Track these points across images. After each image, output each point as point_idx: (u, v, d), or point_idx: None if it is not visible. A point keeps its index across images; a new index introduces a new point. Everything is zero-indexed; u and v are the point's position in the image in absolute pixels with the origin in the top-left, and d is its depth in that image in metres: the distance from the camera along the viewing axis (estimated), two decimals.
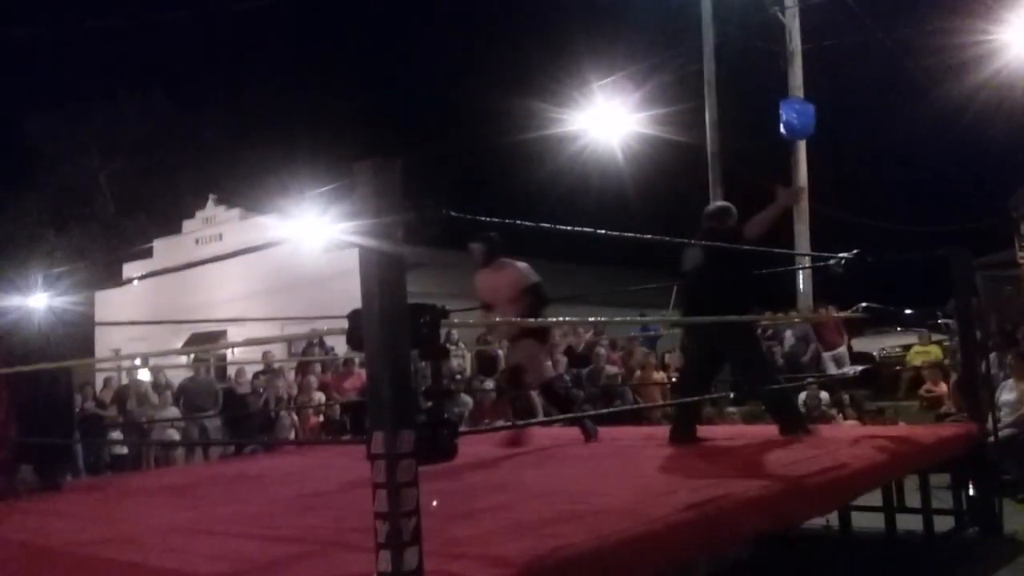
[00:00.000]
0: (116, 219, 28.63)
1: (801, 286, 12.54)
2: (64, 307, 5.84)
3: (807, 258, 10.08)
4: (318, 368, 11.83)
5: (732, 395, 6.71)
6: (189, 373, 12.19)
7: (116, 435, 10.07)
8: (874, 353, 15.57)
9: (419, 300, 2.45)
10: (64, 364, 5.17)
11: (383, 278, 2.35)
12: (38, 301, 5.73)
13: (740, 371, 5.84)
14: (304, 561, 2.86)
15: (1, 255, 24.05)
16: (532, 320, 5.85)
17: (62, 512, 4.50)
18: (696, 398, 5.65)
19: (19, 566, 3.63)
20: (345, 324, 2.48)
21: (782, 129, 12.74)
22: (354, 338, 2.51)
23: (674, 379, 9.27)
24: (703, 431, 5.77)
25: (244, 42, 34.79)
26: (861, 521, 5.08)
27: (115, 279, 19.84)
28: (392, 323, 2.34)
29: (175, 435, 10.42)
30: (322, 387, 11.25)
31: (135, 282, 16.99)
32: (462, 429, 3.10)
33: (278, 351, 15.57)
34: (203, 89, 31.13)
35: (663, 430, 6.85)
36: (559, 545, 2.73)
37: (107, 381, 11.38)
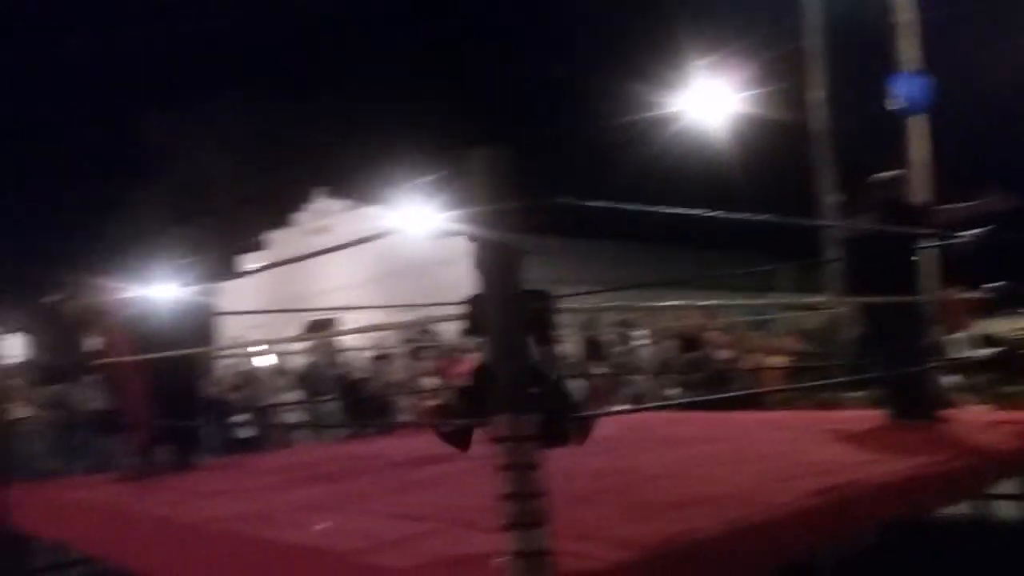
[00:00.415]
0: (232, 213, 29.82)
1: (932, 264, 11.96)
2: (189, 298, 6.11)
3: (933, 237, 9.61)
4: (430, 353, 12.04)
5: (861, 377, 6.44)
6: (306, 359, 12.58)
7: (241, 418, 10.52)
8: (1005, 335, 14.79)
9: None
10: (192, 351, 5.40)
11: (499, 265, 2.38)
12: (165, 292, 6.01)
13: (893, 349, 5.48)
14: (430, 539, 2.93)
15: (128, 249, 25.37)
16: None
17: (197, 490, 4.73)
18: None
19: (162, 540, 3.86)
20: (453, 310, 2.52)
21: (895, 104, 12.16)
22: (473, 323, 2.56)
23: (790, 363, 9.05)
24: (825, 417, 5.61)
25: (352, 35, 35.64)
26: (1000, 510, 4.86)
27: (233, 270, 20.65)
28: (509, 309, 2.37)
29: (296, 418, 10.82)
30: (434, 372, 11.45)
31: (251, 272, 17.65)
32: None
33: (389, 337, 15.95)
34: (312, 84, 32.02)
35: (779, 416, 6.71)
36: (687, 529, 2.72)
37: (231, 367, 11.90)
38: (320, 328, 17.78)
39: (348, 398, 11.04)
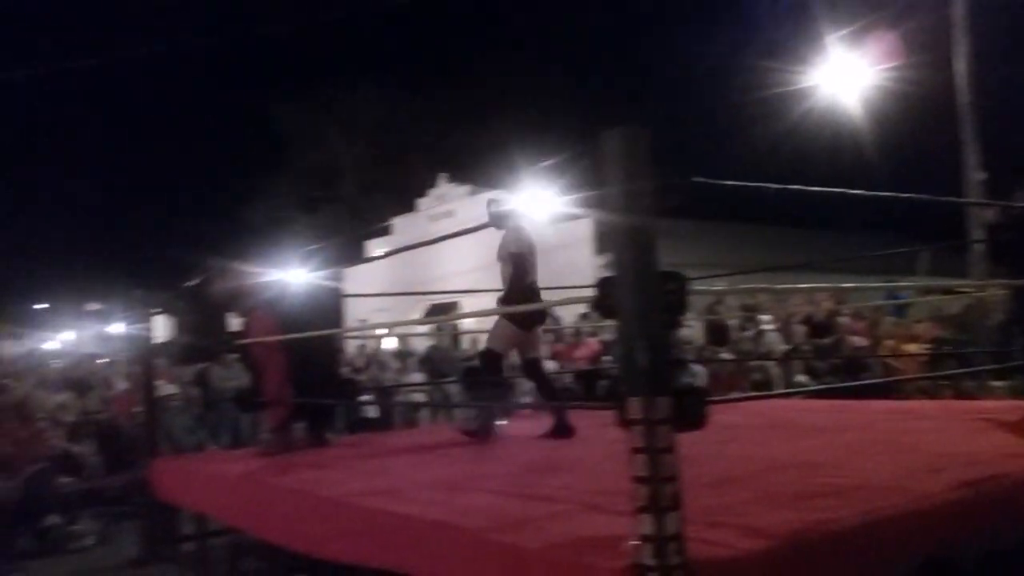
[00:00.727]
0: (358, 199, 30.69)
1: None
2: (318, 282, 6.32)
3: None
4: (549, 337, 12.08)
5: (1006, 366, 6.08)
6: (429, 341, 12.87)
7: (368, 398, 10.87)
8: None
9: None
10: (322, 333, 5.58)
11: (635, 246, 2.35)
12: (297, 276, 6.23)
13: None
14: (557, 520, 2.94)
15: (261, 235, 26.62)
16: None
17: (331, 466, 4.90)
18: None
19: (299, 513, 4.03)
20: (571, 294, 2.51)
21: None
22: (604, 306, 2.54)
23: (928, 350, 8.62)
24: (967, 407, 5.32)
25: (471, 22, 35.99)
26: None
27: (360, 255, 21.26)
28: (645, 290, 2.34)
29: (420, 398, 11.09)
30: (553, 356, 11.50)
31: (377, 257, 18.15)
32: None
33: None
34: (434, 71, 32.53)
35: (917, 405, 6.42)
36: (822, 519, 2.63)
37: (359, 348, 12.30)
38: (441, 312, 18.13)
39: (470, 379, 11.22)
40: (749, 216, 21.78)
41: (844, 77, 13.60)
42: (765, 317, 10.36)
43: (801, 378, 9.10)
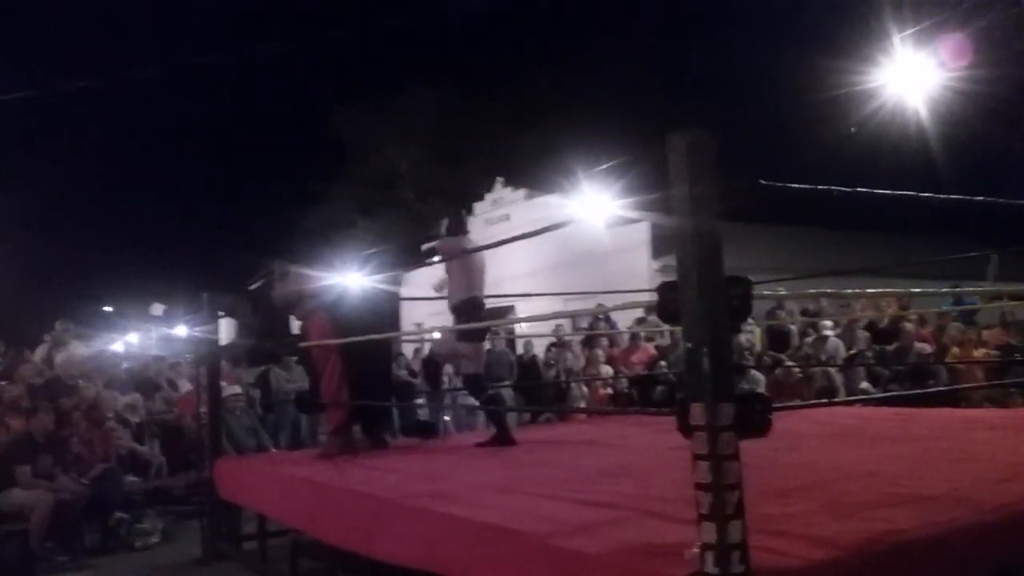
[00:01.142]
0: (415, 204, 30.93)
1: None
2: (376, 285, 6.38)
3: None
4: (604, 342, 12.04)
5: None
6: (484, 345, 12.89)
7: (423, 401, 10.94)
8: None
9: None
10: (380, 336, 5.63)
11: (700, 249, 2.33)
12: (355, 280, 6.30)
13: None
14: (616, 527, 2.92)
15: (321, 240, 27.01)
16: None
17: (390, 468, 4.95)
18: None
19: (357, 514, 4.07)
20: (628, 299, 2.47)
21: None
22: (667, 311, 2.52)
23: (996, 357, 8.36)
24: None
25: (528, 25, 36.03)
26: None
27: (417, 259, 21.42)
28: (709, 296, 2.32)
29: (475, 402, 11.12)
30: (609, 360, 11.45)
31: (435, 262, 18.29)
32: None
33: (564, 325, 16.08)
34: (491, 75, 32.58)
35: (986, 413, 6.25)
36: (889, 529, 2.57)
37: (416, 352, 12.39)
38: (495, 316, 18.15)
39: (525, 384, 11.23)
40: (812, 220, 21.37)
41: (912, 77, 13.26)
42: (827, 323, 10.17)
43: (864, 385, 8.91)
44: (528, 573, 2.80)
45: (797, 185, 2.82)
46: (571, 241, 18.17)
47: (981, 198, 3.74)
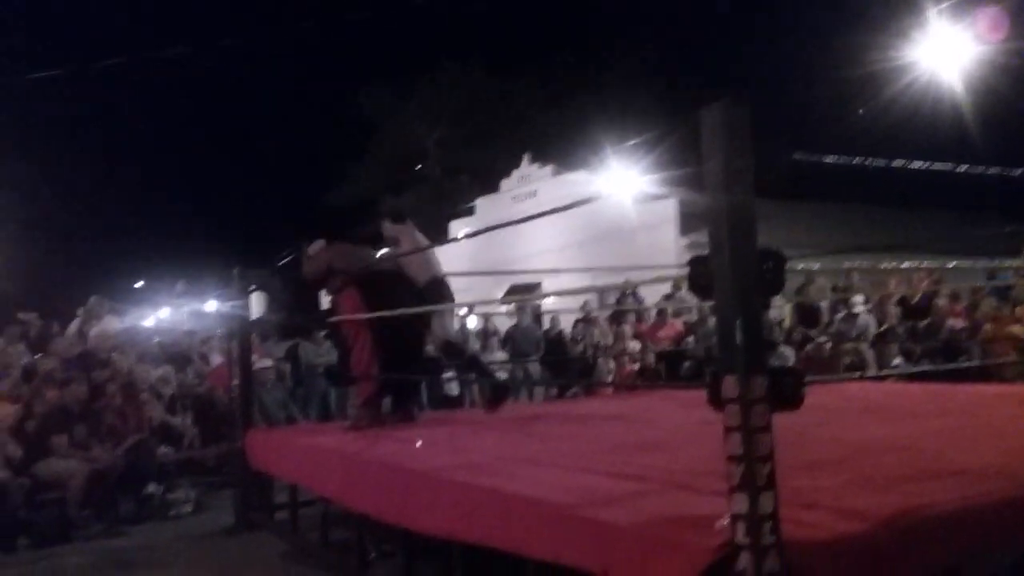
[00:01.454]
0: (442, 181, 30.95)
1: None
2: (403, 261, 6.38)
3: None
4: (632, 318, 12.03)
5: None
6: (511, 321, 12.93)
7: (450, 375, 11.00)
8: None
9: None
10: (407, 311, 5.64)
11: (733, 222, 2.31)
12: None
13: None
14: (646, 499, 2.93)
15: (348, 217, 27.15)
16: None
17: (417, 440, 4.99)
18: None
19: (390, 485, 4.11)
20: (654, 274, 2.47)
21: None
22: (699, 285, 2.51)
23: None
24: None
25: (553, 3, 35.75)
26: None
27: (443, 236, 21.45)
28: (743, 269, 2.30)
29: (502, 376, 11.17)
30: (636, 336, 11.44)
31: (460, 238, 18.27)
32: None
33: (590, 301, 16.07)
34: (516, 53, 32.47)
35: (1019, 389, 6.18)
36: (922, 503, 2.56)
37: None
38: (523, 291, 18.16)
39: (552, 359, 11.27)
40: (846, 197, 21.11)
41: (947, 51, 12.98)
42: (858, 299, 10.07)
43: (896, 361, 8.82)
44: (559, 544, 2.82)
45: (831, 158, 2.78)
46: (599, 218, 18.11)
47: (1020, 171, 3.67)
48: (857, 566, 2.32)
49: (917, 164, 4.09)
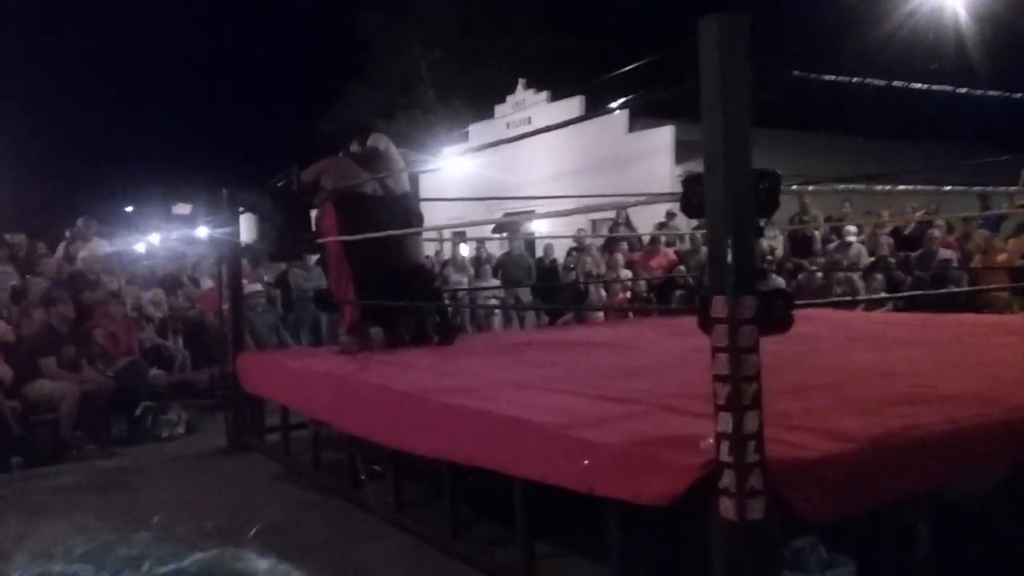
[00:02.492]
0: (435, 106, 30.50)
1: None
2: (394, 186, 6.28)
3: None
4: (624, 246, 11.99)
5: None
6: (504, 248, 12.89)
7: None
8: None
9: None
10: (391, 233, 5.51)
11: (729, 139, 2.26)
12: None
13: None
14: (633, 420, 2.95)
15: (339, 143, 26.77)
16: None
17: (409, 364, 5.00)
18: None
19: (381, 407, 4.12)
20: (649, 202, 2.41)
21: None
22: (691, 204, 2.46)
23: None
24: None
25: None
26: None
27: (436, 161, 21.24)
28: (737, 187, 2.26)
29: (494, 303, 11.20)
30: (628, 264, 11.42)
31: (449, 164, 18.07)
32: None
33: (584, 229, 16.02)
34: None
35: (1009, 319, 6.21)
36: (905, 425, 2.57)
37: (436, 254, 12.41)
38: (516, 219, 18.08)
39: (544, 286, 11.27)
40: (842, 127, 20.91)
41: None
42: (851, 228, 10.04)
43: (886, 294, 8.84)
44: (547, 463, 2.85)
45: (830, 76, 2.72)
46: (594, 147, 17.94)
47: (1020, 94, 3.61)
48: (840, 485, 2.35)
49: (916, 86, 3.97)
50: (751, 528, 2.18)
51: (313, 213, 6.26)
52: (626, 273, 11.08)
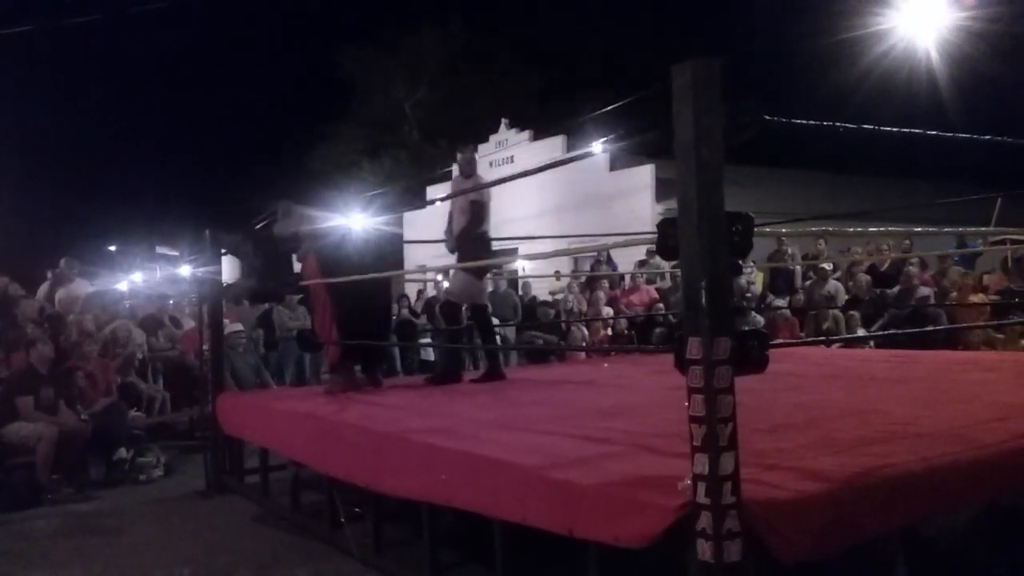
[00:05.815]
0: (420, 145, 30.71)
1: None
2: (377, 227, 6.34)
3: None
4: (605, 284, 12.06)
5: None
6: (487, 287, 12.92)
7: (426, 340, 11.01)
8: None
9: None
10: (376, 275, 5.58)
11: (702, 183, 2.30)
12: (356, 222, 6.27)
13: None
14: (612, 460, 2.95)
15: (324, 181, 26.89)
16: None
17: (389, 404, 5.00)
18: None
19: (362, 448, 4.11)
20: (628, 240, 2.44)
21: None
22: (666, 247, 2.49)
23: (994, 301, 8.34)
24: None
25: None
26: None
27: (420, 201, 21.35)
28: (710, 230, 2.29)
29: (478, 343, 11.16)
30: (608, 301, 11.47)
31: (437, 203, 18.17)
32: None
33: (564, 267, 16.07)
34: (495, 17, 32.15)
35: (983, 356, 6.27)
36: (882, 464, 2.60)
37: (419, 293, 12.42)
38: (499, 257, 18.15)
39: (527, 324, 11.29)
40: (818, 164, 21.22)
41: (922, 19, 12.93)
42: (827, 266, 10.15)
43: (863, 330, 8.92)
44: (526, 504, 2.84)
45: (802, 121, 2.78)
46: (576, 186, 18.09)
47: (988, 137, 3.69)
48: (817, 525, 2.36)
49: (888, 129, 4.08)
50: (728, 570, 2.18)
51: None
52: (608, 311, 11.13)
